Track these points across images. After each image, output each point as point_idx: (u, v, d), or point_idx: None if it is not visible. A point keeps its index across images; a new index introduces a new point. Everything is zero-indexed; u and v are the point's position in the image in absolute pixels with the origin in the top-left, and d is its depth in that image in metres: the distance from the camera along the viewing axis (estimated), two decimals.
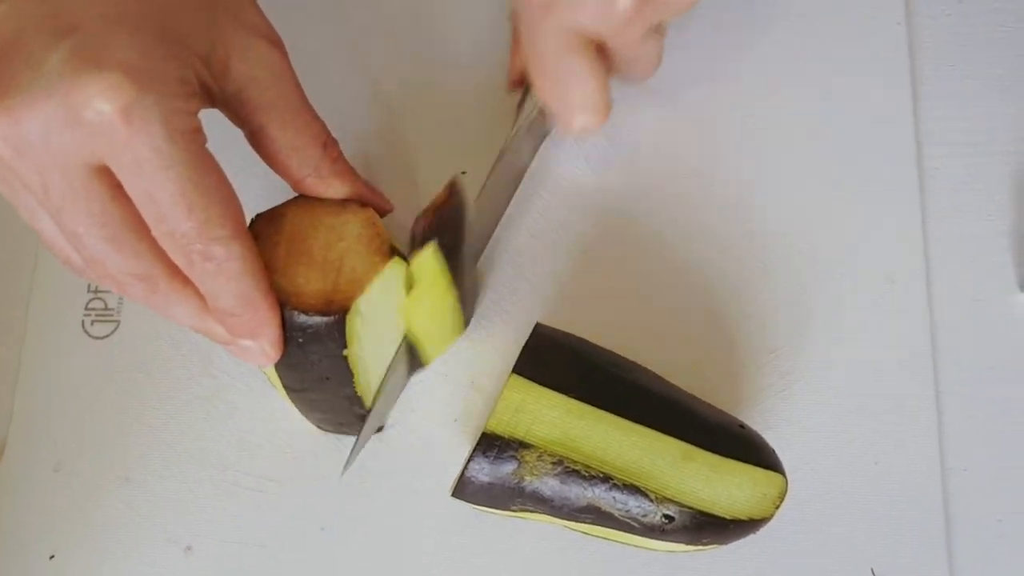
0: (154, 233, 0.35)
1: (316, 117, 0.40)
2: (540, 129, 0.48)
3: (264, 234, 0.41)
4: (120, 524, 0.48)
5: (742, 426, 0.44)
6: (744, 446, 0.42)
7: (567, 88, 0.42)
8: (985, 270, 0.51)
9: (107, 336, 0.51)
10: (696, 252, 0.51)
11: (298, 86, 0.39)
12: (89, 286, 0.52)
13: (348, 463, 0.44)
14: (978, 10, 0.55)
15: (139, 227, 0.35)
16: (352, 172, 0.42)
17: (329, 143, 0.41)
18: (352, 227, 0.43)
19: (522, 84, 0.48)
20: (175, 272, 0.37)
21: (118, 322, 0.51)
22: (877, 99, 0.54)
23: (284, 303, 0.40)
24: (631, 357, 0.46)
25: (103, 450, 0.49)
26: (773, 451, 0.43)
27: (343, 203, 0.43)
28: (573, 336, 0.45)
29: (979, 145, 0.53)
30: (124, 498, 0.49)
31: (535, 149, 0.50)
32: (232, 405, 0.50)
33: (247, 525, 0.48)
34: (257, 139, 0.39)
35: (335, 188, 0.41)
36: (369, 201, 0.43)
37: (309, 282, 0.41)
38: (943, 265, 0.51)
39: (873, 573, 0.46)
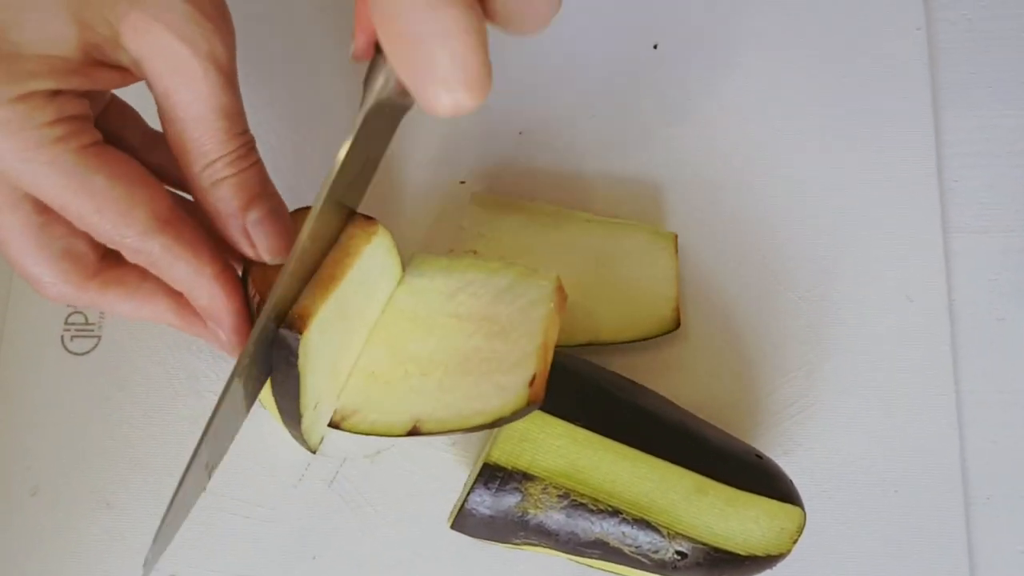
0: None
1: (212, 131, 0.36)
2: (396, 107, 0.36)
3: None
4: (101, 551, 0.46)
5: (759, 455, 0.41)
6: (760, 477, 0.40)
7: (430, 53, 0.29)
8: (1008, 288, 0.49)
9: (87, 352, 0.49)
10: (708, 270, 0.49)
11: (205, 93, 0.35)
12: None
13: (149, 563, 0.38)
14: (999, 14, 0.53)
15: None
16: (225, 205, 0.37)
17: (215, 166, 0.36)
18: (358, 242, 0.40)
19: (371, 52, 0.35)
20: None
21: (99, 337, 0.49)
22: (896, 108, 0.52)
23: (291, 326, 0.37)
24: (640, 380, 0.44)
25: (83, 473, 0.47)
26: (791, 482, 0.41)
27: (349, 215, 0.40)
28: (579, 359, 0.43)
29: (1001, 156, 0.51)
30: (105, 524, 0.46)
31: (391, 132, 0.38)
32: None
33: (233, 553, 0.46)
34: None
35: (210, 207, 0.37)
36: (232, 243, 0.38)
37: (315, 303, 0.38)
38: (964, 283, 0.49)
39: None
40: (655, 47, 0.53)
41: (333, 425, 0.41)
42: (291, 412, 0.39)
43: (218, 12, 0.35)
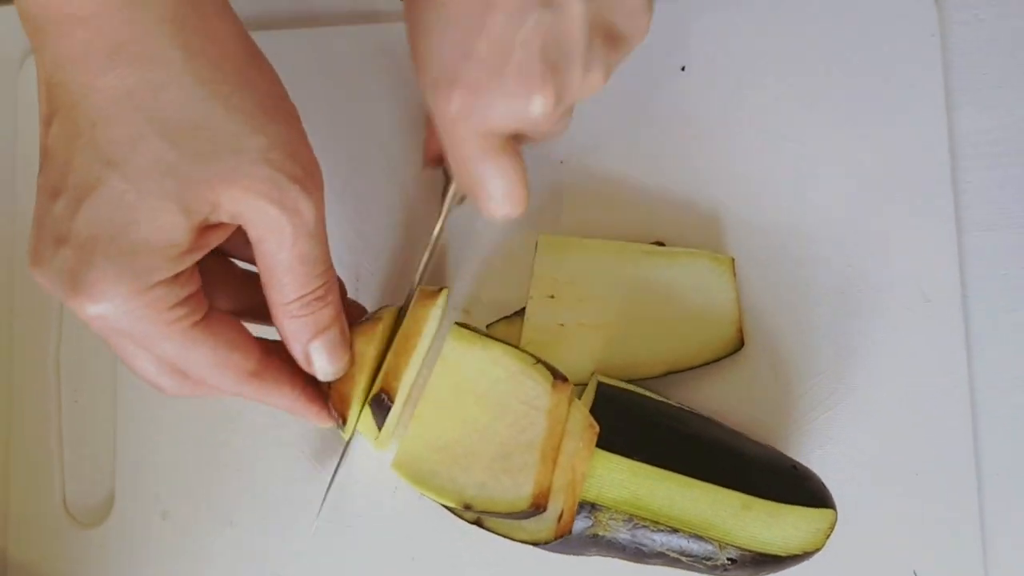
0: None
1: (292, 275, 0.41)
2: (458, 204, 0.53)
3: (367, 333, 0.47)
4: (229, 564, 0.53)
5: (795, 467, 0.47)
6: (797, 487, 0.46)
7: (489, 187, 0.44)
8: (1019, 281, 0.53)
9: None
10: (741, 281, 0.53)
11: (288, 243, 0.40)
12: None
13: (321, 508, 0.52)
14: (1011, 12, 0.55)
15: None
16: (293, 335, 0.43)
17: (292, 306, 0.42)
18: (425, 311, 0.48)
19: (438, 163, 0.52)
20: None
21: None
22: (911, 111, 0.54)
23: (385, 397, 0.47)
24: (678, 387, 0.50)
25: (205, 497, 0.54)
26: (823, 486, 0.47)
27: (434, 291, 0.49)
28: (631, 392, 0.48)
29: (1013, 155, 0.54)
30: (230, 540, 0.54)
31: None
32: (317, 451, 0.54)
33: (343, 559, 0.53)
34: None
35: (282, 331, 0.44)
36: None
37: (398, 375, 0.48)
38: (978, 279, 0.53)
39: (916, 575, 0.51)
40: (683, 69, 0.56)
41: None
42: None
43: (305, 172, 0.39)
